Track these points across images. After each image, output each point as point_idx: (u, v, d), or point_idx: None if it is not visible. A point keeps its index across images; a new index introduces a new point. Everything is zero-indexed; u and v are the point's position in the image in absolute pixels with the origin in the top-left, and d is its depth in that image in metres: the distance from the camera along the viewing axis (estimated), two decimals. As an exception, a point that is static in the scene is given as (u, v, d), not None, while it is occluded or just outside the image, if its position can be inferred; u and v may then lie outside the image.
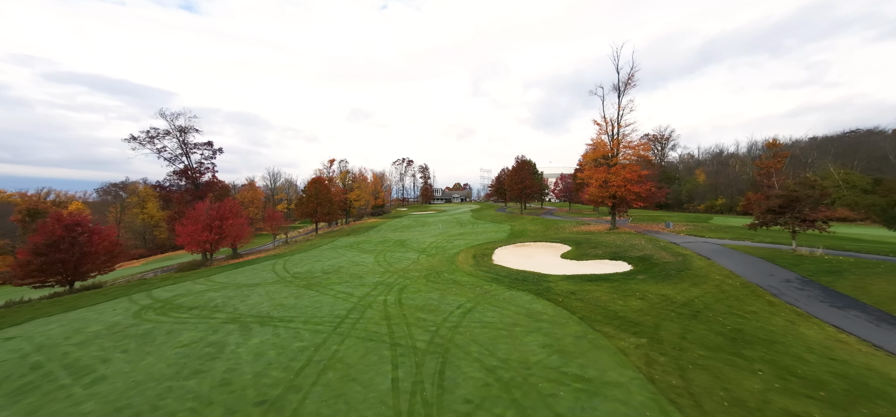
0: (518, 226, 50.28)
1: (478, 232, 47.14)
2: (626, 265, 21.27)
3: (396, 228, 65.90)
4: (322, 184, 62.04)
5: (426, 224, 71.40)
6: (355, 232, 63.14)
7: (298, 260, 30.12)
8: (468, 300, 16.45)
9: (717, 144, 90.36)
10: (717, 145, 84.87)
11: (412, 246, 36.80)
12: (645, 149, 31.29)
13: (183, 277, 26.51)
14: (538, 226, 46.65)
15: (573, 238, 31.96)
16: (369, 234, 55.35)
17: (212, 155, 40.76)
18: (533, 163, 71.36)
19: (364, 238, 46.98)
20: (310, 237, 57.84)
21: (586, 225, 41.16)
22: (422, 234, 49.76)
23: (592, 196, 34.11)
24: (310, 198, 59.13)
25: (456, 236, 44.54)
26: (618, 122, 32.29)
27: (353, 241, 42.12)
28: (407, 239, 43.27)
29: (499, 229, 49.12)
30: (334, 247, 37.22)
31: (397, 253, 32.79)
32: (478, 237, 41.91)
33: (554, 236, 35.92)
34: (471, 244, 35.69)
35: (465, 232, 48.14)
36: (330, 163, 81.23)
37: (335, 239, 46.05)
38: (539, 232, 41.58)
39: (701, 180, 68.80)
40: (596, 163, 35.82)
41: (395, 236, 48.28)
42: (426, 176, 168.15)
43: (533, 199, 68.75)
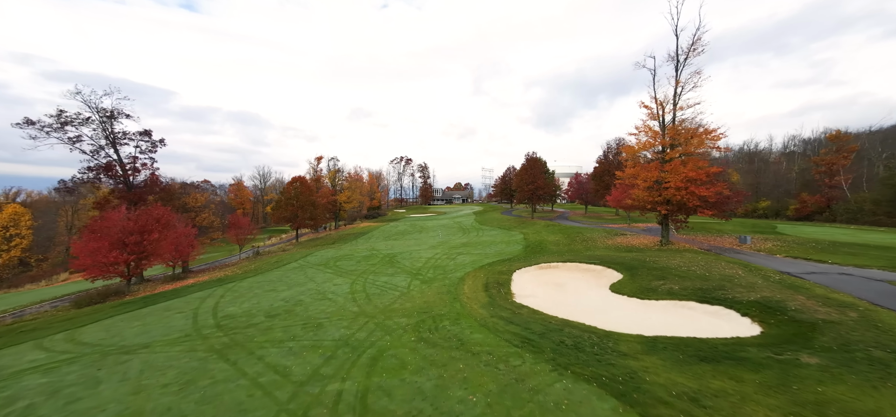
0: (533, 234, 42.21)
1: (485, 243, 39.07)
2: (738, 317, 13.12)
3: (390, 235, 57.86)
4: (304, 185, 54.01)
5: (424, 229, 63.34)
6: (342, 239, 55.09)
7: (246, 289, 22.08)
8: (488, 403, 8.47)
9: (746, 141, 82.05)
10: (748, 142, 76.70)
11: (404, 264, 28.79)
12: (713, 138, 22.97)
13: (36, 328, 18.48)
14: (558, 236, 38.54)
15: (616, 257, 23.91)
16: (357, 244, 47.29)
17: (151, 147, 32.49)
18: (544, 161, 63.32)
19: (347, 250, 38.91)
20: (288, 247, 49.81)
21: (623, 237, 33.00)
22: (418, 244, 41.72)
23: (639, 200, 26.00)
24: (288, 201, 51.10)
25: (459, 248, 36.51)
26: (675, 103, 24.14)
27: (333, 256, 34.05)
28: (399, 252, 35.23)
29: (510, 238, 41.04)
30: (305, 266, 29.16)
31: (383, 276, 24.79)
32: (486, 250, 33.85)
33: (585, 252, 27.83)
34: (479, 262, 27.69)
35: (470, 243, 40.07)
36: (317, 161, 73.18)
37: (312, 252, 37.98)
38: (562, 244, 33.48)
39: (735, 180, 60.67)
40: (640, 159, 27.56)
41: (385, 247, 40.23)
42: (425, 175, 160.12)
43: (544, 201, 60.63)
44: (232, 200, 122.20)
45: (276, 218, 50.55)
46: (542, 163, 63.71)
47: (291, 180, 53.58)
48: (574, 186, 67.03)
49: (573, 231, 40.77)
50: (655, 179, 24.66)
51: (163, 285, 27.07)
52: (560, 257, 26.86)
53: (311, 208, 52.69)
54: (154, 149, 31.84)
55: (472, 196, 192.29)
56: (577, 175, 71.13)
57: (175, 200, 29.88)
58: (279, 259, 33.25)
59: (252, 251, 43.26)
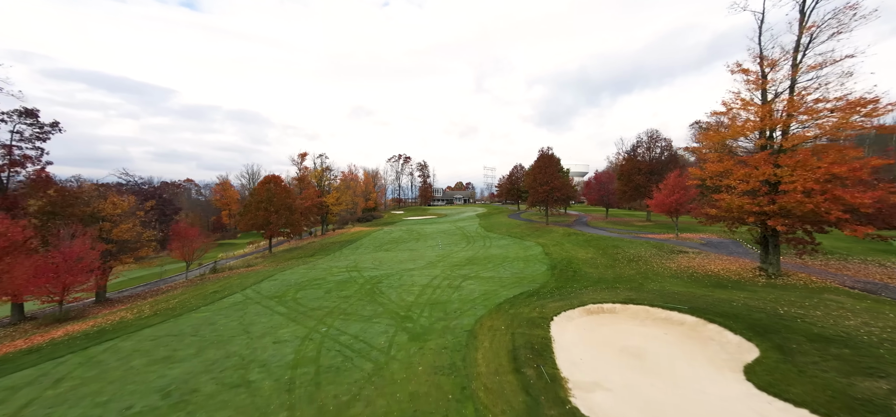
0: (554, 247, 33.85)
1: (495, 259, 30.74)
2: None
3: (381, 244, 49.56)
4: (279, 186, 45.70)
5: (422, 236, 55.03)
6: (324, 250, 46.80)
7: (115, 361, 13.77)
8: None
9: None
10: None
11: (389, 296, 20.52)
12: (871, 112, 14.32)
13: None
14: (590, 250, 30.16)
15: (709, 299, 15.58)
16: (338, 257, 38.97)
17: (38, 133, 24.15)
18: (558, 159, 54.93)
19: (323, 269, 30.60)
20: (256, 260, 41.53)
21: (686, 256, 24.47)
22: (413, 258, 33.42)
23: (730, 209, 17.52)
24: (258, 205, 42.81)
25: (463, 266, 28.21)
26: (797, 61, 15.67)
27: (298, 280, 25.74)
28: (387, 273, 26.93)
29: (526, 252, 32.70)
30: (250, 301, 20.80)
31: (355, 322, 16.57)
32: (499, 272, 25.54)
33: (645, 283, 19.46)
34: (493, 294, 19.46)
35: (477, 258, 31.74)
36: (301, 158, 64.84)
37: (278, 271, 29.65)
38: (600, 264, 25.09)
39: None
40: (726, 150, 18.78)
41: (371, 264, 31.92)
42: (425, 174, 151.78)
43: (560, 204, 52.29)
44: (217, 201, 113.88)
45: (243, 225, 42.53)
46: (556, 161, 55.32)
47: (264, 180, 45.35)
48: (593, 186, 58.64)
49: (606, 243, 32.38)
50: (763, 178, 16.22)
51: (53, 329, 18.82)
52: (609, 290, 18.45)
53: (287, 212, 44.44)
54: (44, 136, 23.56)
55: (474, 196, 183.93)
56: (596, 174, 62.69)
57: (77, 208, 21.76)
58: (224, 285, 24.88)
59: (209, 266, 35.03)
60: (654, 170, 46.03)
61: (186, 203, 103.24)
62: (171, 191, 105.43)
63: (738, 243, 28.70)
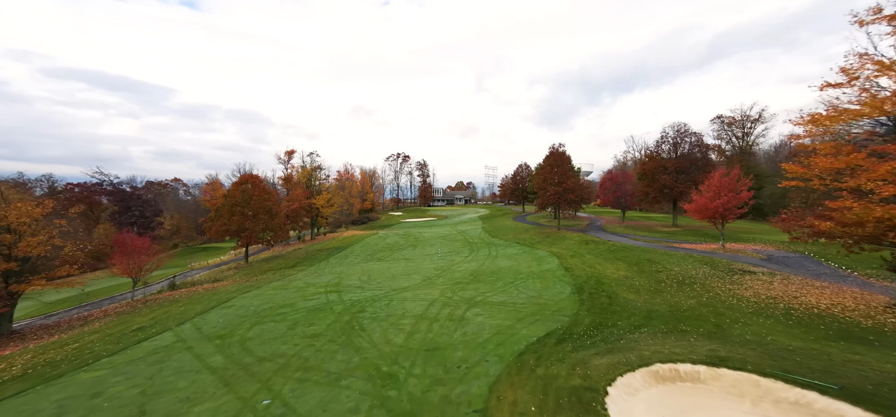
0: (573, 259, 28.63)
1: (505, 274, 25.48)
2: None
3: (374, 252, 44.33)
4: (258, 187, 40.47)
5: (419, 242, 49.81)
6: (309, 259, 41.56)
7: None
8: None
9: None
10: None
11: (372, 335, 15.31)
12: None
13: None
14: (620, 267, 24.94)
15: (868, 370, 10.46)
16: (321, 270, 33.65)
17: None
18: (570, 157, 49.66)
19: (298, 287, 25.40)
20: (227, 272, 36.30)
21: (754, 278, 19.20)
22: (407, 273, 28.17)
23: (863, 222, 12.04)
24: (232, 209, 37.55)
25: (467, 285, 22.94)
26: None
27: (261, 307, 20.51)
28: (374, 296, 21.70)
29: (541, 266, 27.44)
30: (175, 349, 15.56)
31: (315, 389, 11.41)
32: (513, 294, 20.27)
33: (727, 322, 14.19)
34: (509, 333, 14.34)
35: (483, 273, 26.48)
36: (288, 156, 59.58)
37: (233, 298, 24.39)
38: (642, 288, 19.85)
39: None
40: (843, 138, 13.32)
41: (357, 280, 26.70)
42: (425, 174, 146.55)
43: (573, 206, 47.09)
44: (206, 202, 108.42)
45: (213, 231, 37.36)
46: (568, 159, 50.04)
47: (239, 179, 40.13)
48: (607, 187, 53.39)
49: (637, 256, 27.13)
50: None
51: None
52: (675, 335, 13.20)
53: (266, 217, 39.21)
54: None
55: (476, 196, 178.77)
56: (610, 173, 57.36)
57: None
58: (158, 316, 19.48)
59: (168, 281, 29.82)
60: (683, 169, 40.80)
61: (173, 204, 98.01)
62: (156, 191, 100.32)
63: (810, 258, 23.19)
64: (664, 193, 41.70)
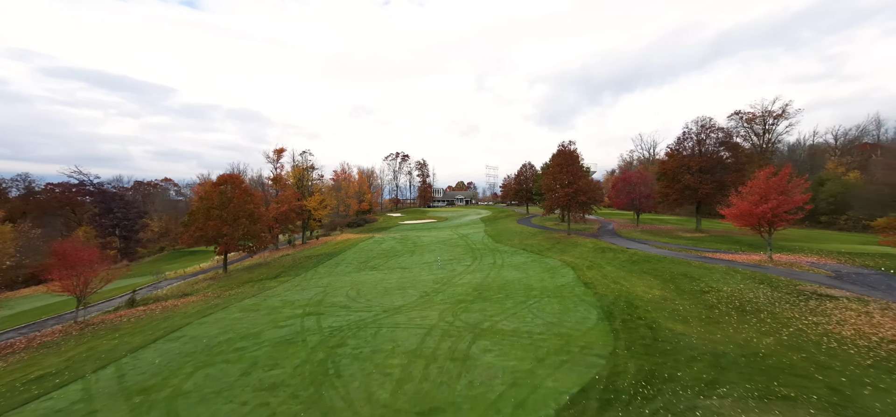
0: (592, 271, 24.79)
1: (514, 292, 21.57)
2: None
3: (367, 259, 40.47)
4: (238, 188, 36.62)
5: (417, 247, 46.01)
6: (296, 267, 37.73)
7: None
8: None
9: (845, 126, 63.49)
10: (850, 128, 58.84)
11: (348, 387, 11.50)
12: None
13: None
14: (654, 284, 21.10)
15: None
16: (303, 284, 29.66)
17: None
18: (580, 155, 45.82)
19: (264, 317, 21.58)
20: (200, 284, 32.40)
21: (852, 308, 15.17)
22: (401, 285, 24.27)
23: None
24: (208, 213, 33.69)
25: (471, 306, 19.07)
26: None
27: (215, 339, 16.71)
28: (358, 322, 17.86)
29: (554, 278, 23.56)
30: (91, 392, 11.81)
31: None
32: (527, 321, 16.36)
33: (843, 380, 10.33)
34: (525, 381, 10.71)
35: (488, 289, 22.55)
36: (277, 155, 55.74)
37: (187, 325, 20.55)
38: (690, 314, 16.01)
39: (854, 179, 43.06)
40: None
41: (342, 298, 22.85)
42: (424, 173, 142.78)
43: (585, 209, 43.31)
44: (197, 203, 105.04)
45: (186, 239, 33.43)
46: (578, 158, 46.21)
47: (217, 180, 36.22)
48: (620, 187, 49.54)
49: (670, 269, 23.28)
50: None
51: None
52: (782, 403, 9.36)
53: (247, 222, 35.36)
54: None
55: (477, 196, 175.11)
56: (623, 172, 53.47)
57: None
58: (73, 356, 15.63)
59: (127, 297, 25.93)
60: (708, 169, 36.86)
61: (162, 205, 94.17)
62: (145, 191, 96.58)
63: (893, 276, 19.05)
64: (686, 195, 37.88)
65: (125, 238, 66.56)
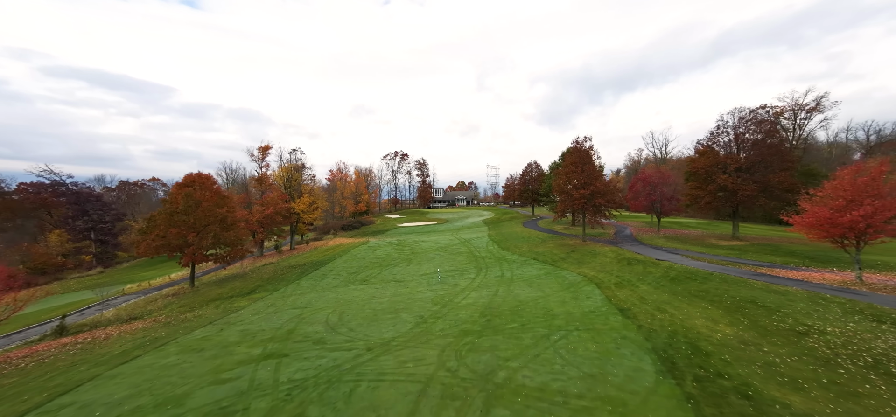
0: (619, 287, 20.03)
1: (532, 319, 16.71)
2: None
3: (358, 270, 35.66)
4: (209, 190, 31.82)
5: (415, 255, 41.26)
6: (275, 281, 32.94)
7: None
8: None
9: (878, 122, 58.48)
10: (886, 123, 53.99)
11: None
12: None
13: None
14: (714, 312, 16.32)
15: None
16: (280, 302, 24.78)
17: None
18: (595, 152, 41.04)
19: (209, 359, 16.87)
20: (162, 303, 27.58)
21: None
22: (394, 305, 19.44)
23: None
24: (170, 219, 28.89)
25: (480, 341, 14.27)
26: None
27: (124, 403, 11.98)
28: (328, 372, 13.12)
29: (577, 299, 18.76)
30: None
31: None
32: (558, 372, 11.52)
33: None
34: None
35: (499, 315, 17.68)
36: (262, 153, 50.95)
37: (97, 377, 15.89)
38: (787, 365, 11.28)
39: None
40: None
41: (320, 324, 18.08)
42: (424, 173, 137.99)
43: (601, 214, 38.57)
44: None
45: (143, 249, 28.57)
46: (593, 156, 41.44)
47: (183, 181, 31.39)
48: (639, 189, 44.76)
49: (726, 292, 18.54)
50: None
51: None
52: None
53: (218, 228, 30.58)
54: None
55: (478, 197, 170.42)
56: (643, 173, 48.62)
57: None
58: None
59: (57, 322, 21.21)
60: (750, 167, 31.91)
61: (148, 206, 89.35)
62: (130, 191, 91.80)
63: None
64: (721, 197, 33.08)
65: (102, 242, 61.85)
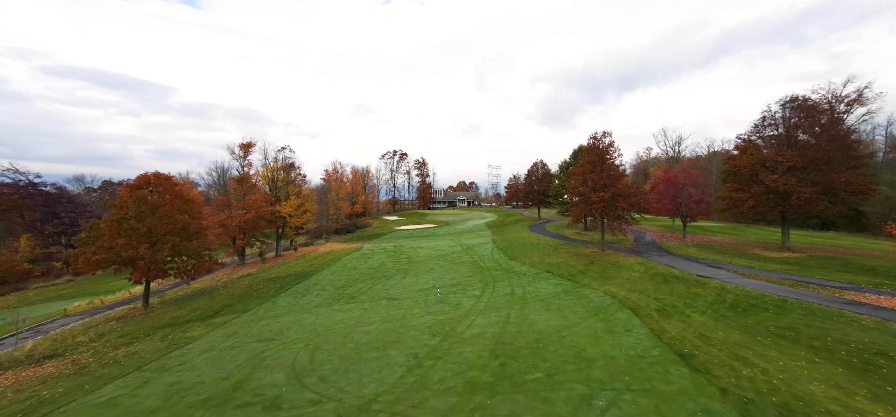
0: (663, 314, 15.28)
1: (561, 361, 11.89)
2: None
3: (346, 285, 30.85)
4: (169, 192, 27.17)
5: (412, 264, 36.50)
6: (246, 300, 28.16)
7: None
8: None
9: None
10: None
11: None
12: None
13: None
14: (838, 376, 11.58)
15: None
16: (239, 334, 19.72)
17: None
18: (617, 150, 36.26)
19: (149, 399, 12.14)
20: (101, 330, 22.79)
21: None
22: (384, 339, 14.54)
23: None
24: (118, 227, 24.19)
25: (493, 397, 9.53)
26: None
27: None
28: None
29: (613, 335, 13.99)
30: None
31: None
32: None
33: None
34: None
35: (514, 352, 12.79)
36: (244, 151, 46.25)
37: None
38: None
39: None
40: None
41: (279, 378, 13.32)
42: (423, 173, 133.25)
43: (623, 220, 33.90)
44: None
45: (82, 263, 23.71)
46: (610, 153, 36.63)
47: (136, 180, 26.64)
48: (662, 191, 40.04)
49: (826, 329, 13.87)
50: None
51: None
52: None
53: (177, 238, 25.85)
54: None
55: (479, 198, 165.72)
56: (666, 173, 43.87)
57: None
58: None
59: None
60: (809, 165, 26.94)
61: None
62: (112, 191, 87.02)
63: None
64: (767, 200, 28.33)
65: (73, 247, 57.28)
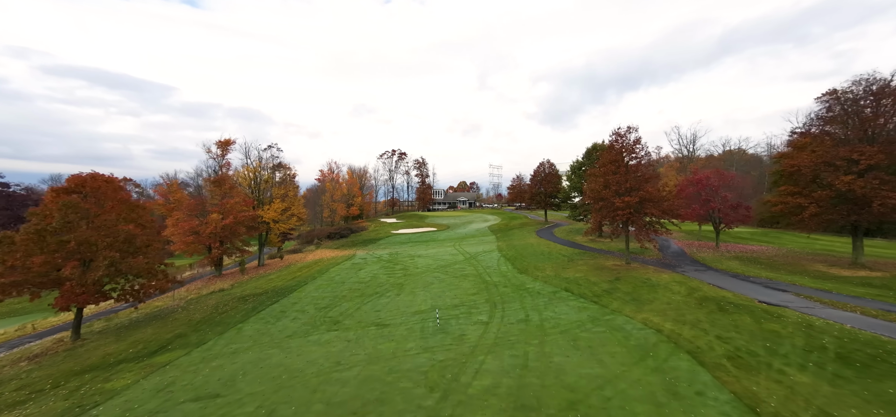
0: (756, 375, 10.44)
1: None
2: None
3: (331, 304, 25.76)
4: (110, 198, 22.52)
5: (408, 277, 31.61)
6: (206, 328, 23.08)
7: None
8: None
9: None
10: None
11: None
12: None
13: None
14: None
15: None
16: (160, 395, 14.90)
17: None
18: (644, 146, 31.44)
19: None
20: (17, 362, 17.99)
21: None
22: (363, 399, 9.89)
23: None
24: (39, 241, 19.48)
25: None
26: None
27: None
28: None
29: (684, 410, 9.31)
30: None
31: None
32: None
33: None
34: None
35: None
36: (222, 149, 41.57)
37: None
38: None
39: None
40: None
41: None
42: (423, 173, 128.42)
43: (650, 229, 29.11)
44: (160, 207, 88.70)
45: None
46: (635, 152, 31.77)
47: (67, 183, 21.84)
48: (690, 194, 35.27)
49: None
50: None
51: None
52: None
53: (118, 251, 21.11)
54: None
55: (480, 199, 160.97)
56: (697, 174, 39.01)
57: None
58: None
59: None
60: (890, 164, 22.14)
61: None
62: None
63: None
64: (837, 207, 23.41)
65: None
